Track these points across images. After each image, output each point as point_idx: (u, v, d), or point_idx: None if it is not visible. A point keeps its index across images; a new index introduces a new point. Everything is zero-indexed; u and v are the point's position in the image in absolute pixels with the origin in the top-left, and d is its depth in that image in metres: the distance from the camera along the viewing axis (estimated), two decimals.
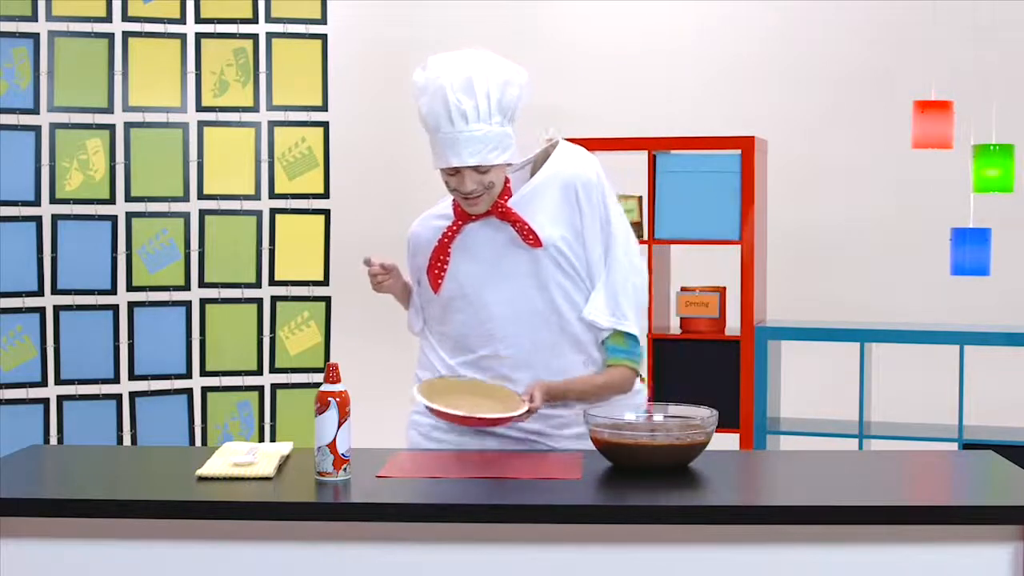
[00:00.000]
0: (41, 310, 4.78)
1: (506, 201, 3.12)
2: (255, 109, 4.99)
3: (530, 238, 3.09)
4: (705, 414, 2.91)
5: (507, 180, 3.14)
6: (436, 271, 3.16)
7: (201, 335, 4.94)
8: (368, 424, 3.84)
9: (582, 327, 3.15)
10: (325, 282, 5.03)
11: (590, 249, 3.14)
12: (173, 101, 4.92)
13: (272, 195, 5.00)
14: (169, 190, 4.91)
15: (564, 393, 3.10)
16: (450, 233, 3.16)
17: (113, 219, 4.84)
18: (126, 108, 4.86)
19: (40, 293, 4.77)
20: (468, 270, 3.15)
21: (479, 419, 2.99)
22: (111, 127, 4.84)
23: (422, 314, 3.30)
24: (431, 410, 3.01)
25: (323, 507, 2.59)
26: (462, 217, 3.15)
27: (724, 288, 4.92)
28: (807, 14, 6.17)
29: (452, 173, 3.06)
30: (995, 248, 4.69)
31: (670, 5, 6.32)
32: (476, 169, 3.03)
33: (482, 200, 3.08)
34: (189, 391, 4.94)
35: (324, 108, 5.04)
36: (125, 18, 4.85)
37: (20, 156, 4.74)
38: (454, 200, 3.16)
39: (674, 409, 3.00)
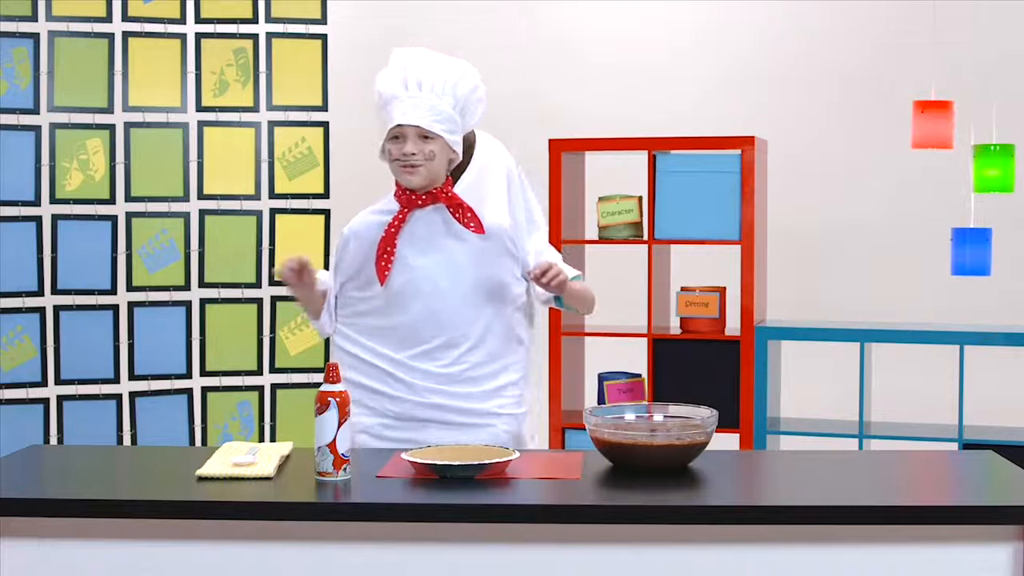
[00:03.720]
0: (41, 310, 4.78)
1: (450, 188, 3.17)
2: (255, 109, 4.99)
3: (472, 224, 3.13)
4: (705, 414, 2.91)
5: (448, 179, 3.18)
6: (383, 263, 3.17)
7: (201, 335, 4.94)
8: None
9: (523, 305, 3.28)
10: None
11: (520, 226, 3.27)
12: (173, 101, 4.92)
13: (272, 195, 5.00)
14: (169, 190, 4.91)
15: (570, 294, 3.22)
16: (396, 223, 3.18)
17: (113, 219, 4.84)
18: (126, 108, 4.87)
19: (40, 293, 4.77)
20: (418, 261, 3.17)
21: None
22: (111, 127, 4.84)
23: (335, 315, 3.31)
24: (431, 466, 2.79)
25: (323, 507, 2.59)
26: (408, 205, 3.17)
27: (724, 288, 4.92)
28: (807, 14, 6.17)
29: (395, 138, 3.11)
30: (995, 248, 4.69)
31: (670, 5, 6.32)
32: (419, 133, 3.08)
33: (420, 171, 3.12)
34: (189, 391, 4.94)
35: (324, 108, 5.05)
36: (125, 18, 4.85)
37: (20, 156, 4.74)
38: (395, 193, 3.20)
39: (674, 409, 3.00)
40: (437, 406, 3.18)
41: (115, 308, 4.85)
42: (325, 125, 5.05)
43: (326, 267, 5.02)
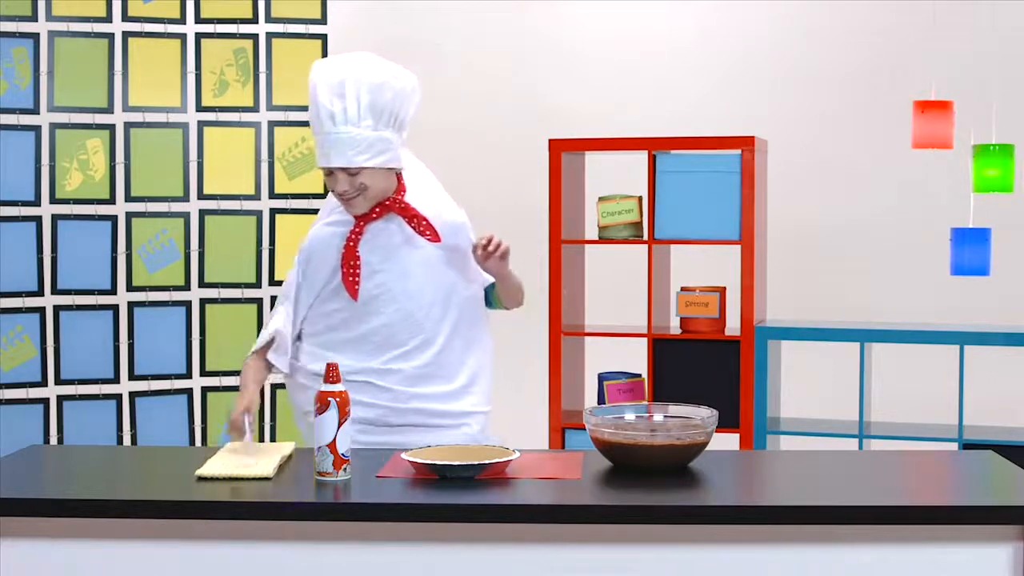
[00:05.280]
0: (41, 310, 4.78)
1: (403, 197, 3.16)
2: (255, 109, 4.99)
3: (428, 233, 3.14)
4: (705, 414, 2.91)
5: (400, 178, 3.18)
6: (351, 277, 3.16)
7: (201, 335, 4.94)
8: None
9: (479, 294, 3.32)
10: None
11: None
12: (173, 101, 4.92)
13: (272, 195, 5.00)
14: (169, 190, 4.91)
15: (506, 275, 3.24)
16: (354, 236, 3.17)
17: (113, 219, 4.84)
18: (126, 108, 4.87)
19: (40, 293, 4.77)
20: (384, 265, 3.17)
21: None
22: (111, 127, 4.84)
23: (292, 350, 3.27)
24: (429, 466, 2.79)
25: (323, 507, 2.59)
26: (363, 219, 3.17)
27: (724, 288, 4.92)
28: (807, 14, 6.17)
29: (328, 173, 3.12)
30: (995, 248, 4.69)
31: (670, 5, 6.32)
32: (346, 171, 3.08)
33: (357, 202, 3.13)
34: (189, 391, 4.94)
35: None
36: (125, 18, 4.85)
37: (20, 156, 4.74)
38: None
39: (674, 409, 3.00)
40: (416, 411, 3.20)
41: (115, 308, 4.85)
42: None
43: None
